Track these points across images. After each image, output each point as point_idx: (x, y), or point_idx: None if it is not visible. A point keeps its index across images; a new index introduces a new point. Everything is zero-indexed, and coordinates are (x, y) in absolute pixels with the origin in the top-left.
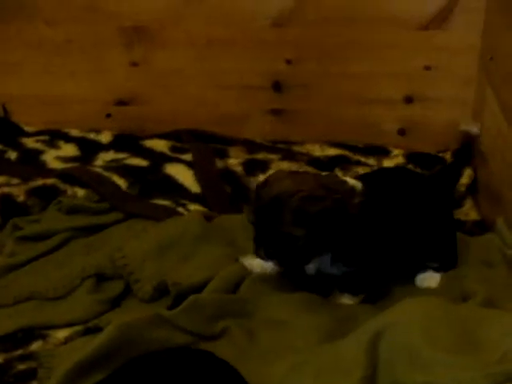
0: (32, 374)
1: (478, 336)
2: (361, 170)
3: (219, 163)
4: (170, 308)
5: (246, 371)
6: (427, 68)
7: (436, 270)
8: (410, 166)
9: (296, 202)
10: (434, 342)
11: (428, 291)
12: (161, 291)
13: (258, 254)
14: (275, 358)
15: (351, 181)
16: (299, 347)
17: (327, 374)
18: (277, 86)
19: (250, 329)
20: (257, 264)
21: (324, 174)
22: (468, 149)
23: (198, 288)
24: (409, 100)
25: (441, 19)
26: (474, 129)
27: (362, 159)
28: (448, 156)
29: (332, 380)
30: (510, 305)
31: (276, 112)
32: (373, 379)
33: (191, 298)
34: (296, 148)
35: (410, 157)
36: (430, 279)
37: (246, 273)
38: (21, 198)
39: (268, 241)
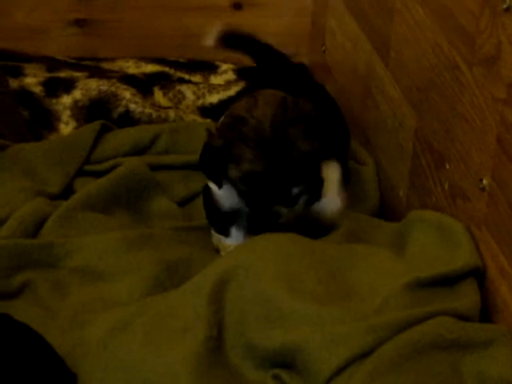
0: None
1: (349, 279)
2: (185, 88)
3: (13, 83)
4: None
5: (52, 336)
6: None
7: None
8: (242, 83)
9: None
10: (295, 288)
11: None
12: None
13: (268, 215)
14: (91, 317)
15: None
16: (121, 302)
17: (158, 335)
18: None
19: (57, 281)
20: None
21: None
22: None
23: None
24: (237, 6)
25: None
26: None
27: (186, 76)
28: None
29: (165, 344)
30: (376, 238)
31: (80, 23)
32: (219, 340)
33: None
34: (106, 65)
35: (241, 72)
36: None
37: (50, 209)
38: None
39: (288, 182)
